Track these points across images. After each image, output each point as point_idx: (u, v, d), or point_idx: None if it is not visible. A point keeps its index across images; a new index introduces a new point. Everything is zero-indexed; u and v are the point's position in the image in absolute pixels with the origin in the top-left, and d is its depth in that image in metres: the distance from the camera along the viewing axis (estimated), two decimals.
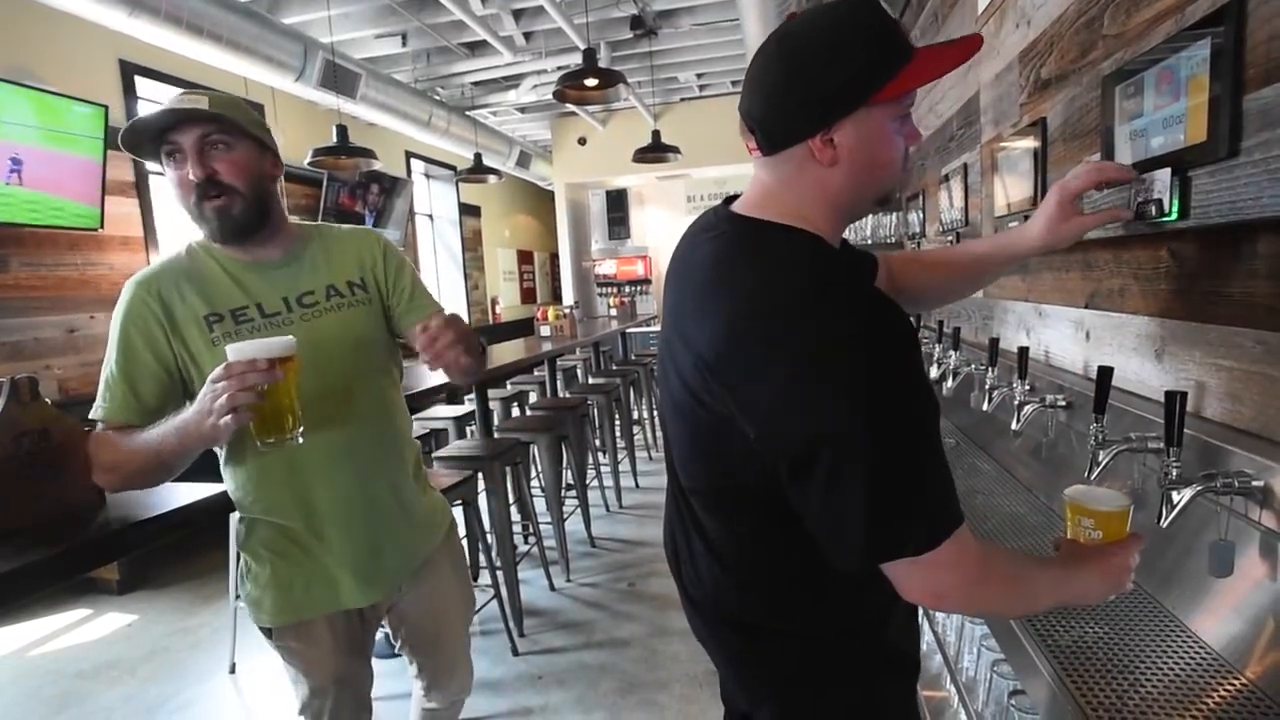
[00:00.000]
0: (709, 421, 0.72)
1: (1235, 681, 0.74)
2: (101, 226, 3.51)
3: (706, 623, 0.86)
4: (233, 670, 2.44)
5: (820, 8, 0.71)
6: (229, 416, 0.90)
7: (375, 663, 1.33)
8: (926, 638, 1.87)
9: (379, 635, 1.37)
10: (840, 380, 0.62)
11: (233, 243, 1.09)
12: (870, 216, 3.24)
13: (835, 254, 0.72)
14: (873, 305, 0.65)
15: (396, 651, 1.40)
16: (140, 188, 3.89)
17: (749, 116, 0.74)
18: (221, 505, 1.15)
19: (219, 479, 1.17)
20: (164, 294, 1.06)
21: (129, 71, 3.90)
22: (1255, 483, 0.79)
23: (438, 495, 1.38)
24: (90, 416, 1.07)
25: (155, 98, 4.17)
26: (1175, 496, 0.81)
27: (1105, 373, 1.02)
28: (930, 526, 0.64)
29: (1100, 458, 0.99)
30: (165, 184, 1.08)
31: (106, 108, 3.44)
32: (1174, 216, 0.92)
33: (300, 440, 0.99)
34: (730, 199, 0.82)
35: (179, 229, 4.12)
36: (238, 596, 2.40)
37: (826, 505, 0.65)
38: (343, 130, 4.02)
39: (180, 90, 1.07)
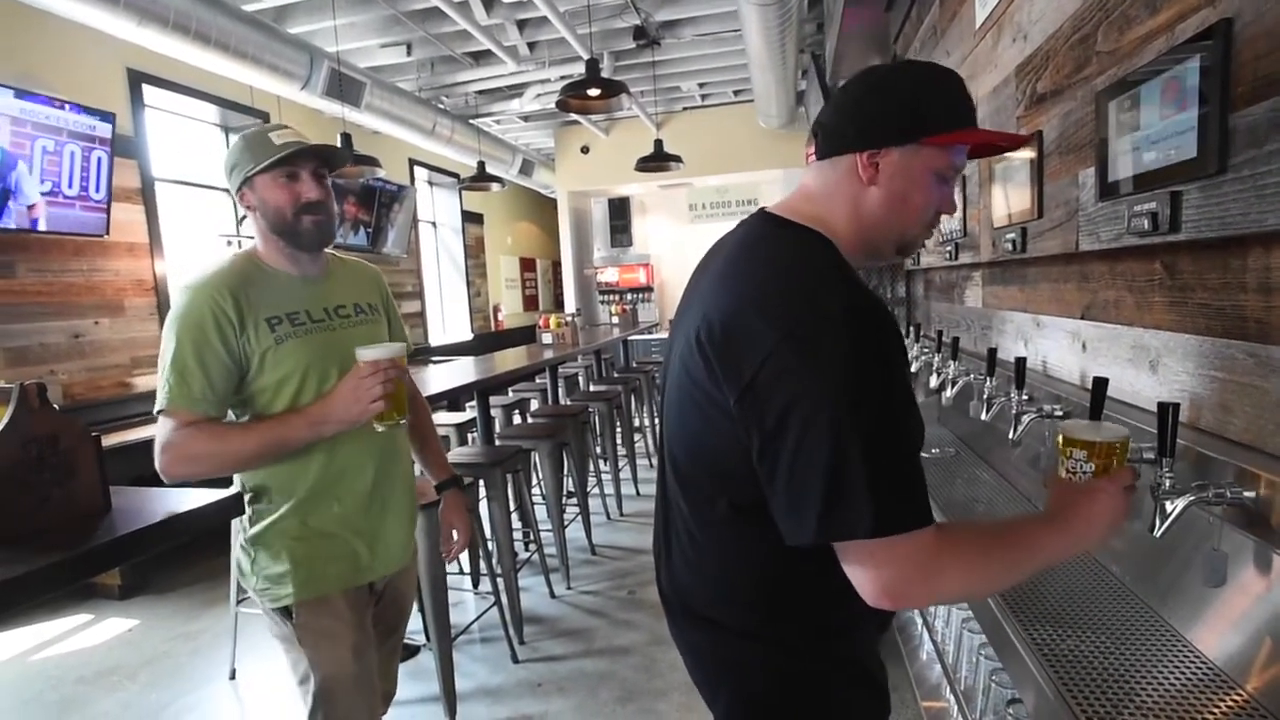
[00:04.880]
0: (696, 394, 0.76)
1: (1234, 695, 0.74)
2: (107, 233, 3.55)
3: (676, 621, 0.88)
4: (233, 676, 2.44)
5: (918, 61, 0.80)
6: (379, 402, 1.17)
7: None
8: (925, 648, 1.87)
9: None
10: (823, 358, 0.66)
11: (312, 251, 1.29)
12: None
13: (842, 258, 0.76)
14: (868, 303, 0.69)
15: None
16: (146, 195, 3.93)
17: (817, 121, 0.81)
18: (226, 510, 1.16)
19: (219, 485, 1.19)
20: (234, 295, 1.18)
21: (136, 80, 3.93)
22: (1247, 494, 0.80)
23: None
24: (160, 408, 1.15)
25: (162, 105, 4.22)
26: (1168, 506, 0.82)
27: (1100, 383, 1.02)
28: (887, 511, 0.64)
29: None
30: (171, 191, 1.12)
31: (114, 115, 3.48)
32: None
33: (404, 423, 1.28)
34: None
35: (183, 236, 4.16)
36: (239, 601, 2.42)
37: (790, 475, 0.67)
38: (347, 138, 4.04)
39: (278, 126, 1.27)
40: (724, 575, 0.81)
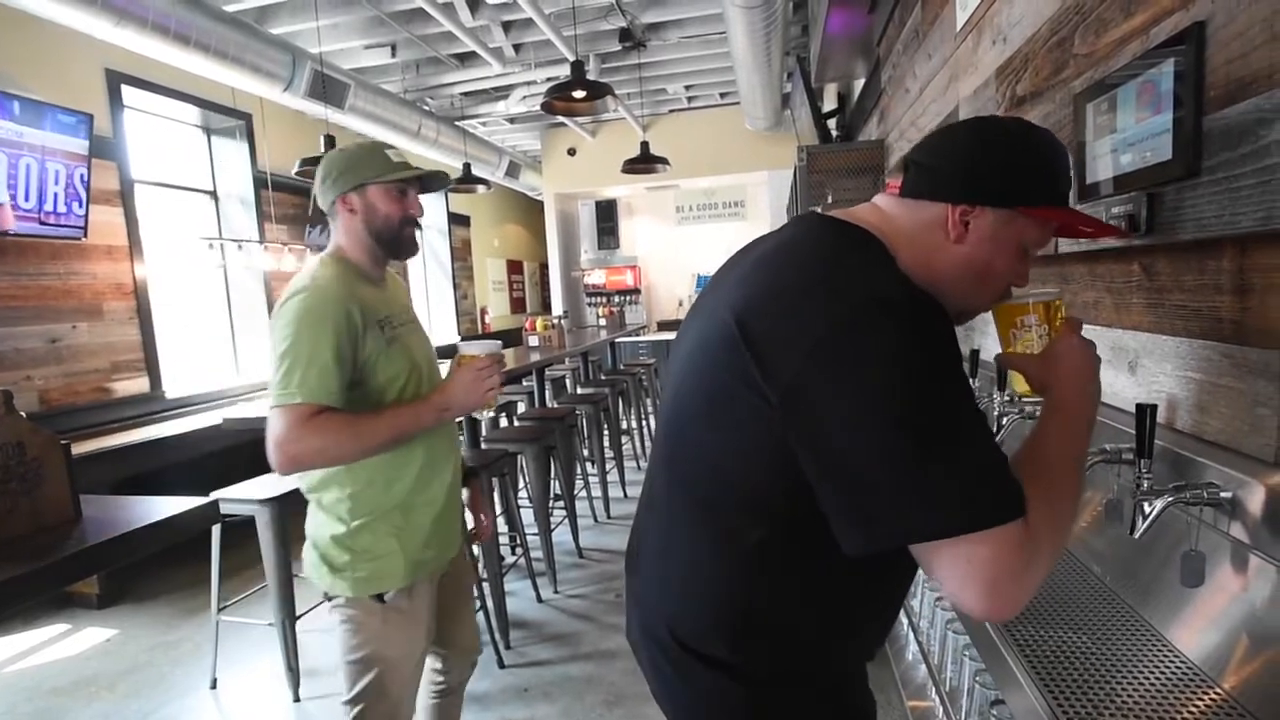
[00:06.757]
0: (720, 386, 0.70)
1: (1211, 693, 0.75)
2: (85, 235, 3.49)
3: (646, 637, 0.83)
4: (214, 685, 2.40)
5: (1032, 124, 0.74)
6: (493, 391, 1.33)
7: None
8: (911, 648, 1.87)
9: None
10: (880, 345, 0.61)
11: (403, 259, 1.42)
12: None
13: (893, 258, 0.71)
14: (922, 294, 0.65)
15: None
16: (125, 197, 3.87)
17: (911, 158, 0.75)
18: (202, 518, 1.14)
19: (200, 492, 1.17)
20: (359, 300, 1.26)
21: (115, 81, 3.88)
22: (1224, 494, 0.80)
23: None
24: (293, 401, 1.16)
25: (142, 106, 4.16)
26: (1147, 507, 0.82)
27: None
28: (981, 502, 0.58)
29: None
30: (151, 194, 1.10)
31: (92, 116, 3.43)
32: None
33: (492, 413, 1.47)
34: None
35: (162, 239, 4.09)
36: (221, 610, 2.38)
37: (852, 473, 0.61)
38: (330, 140, 4.00)
39: (386, 145, 1.39)
40: (707, 597, 0.75)
